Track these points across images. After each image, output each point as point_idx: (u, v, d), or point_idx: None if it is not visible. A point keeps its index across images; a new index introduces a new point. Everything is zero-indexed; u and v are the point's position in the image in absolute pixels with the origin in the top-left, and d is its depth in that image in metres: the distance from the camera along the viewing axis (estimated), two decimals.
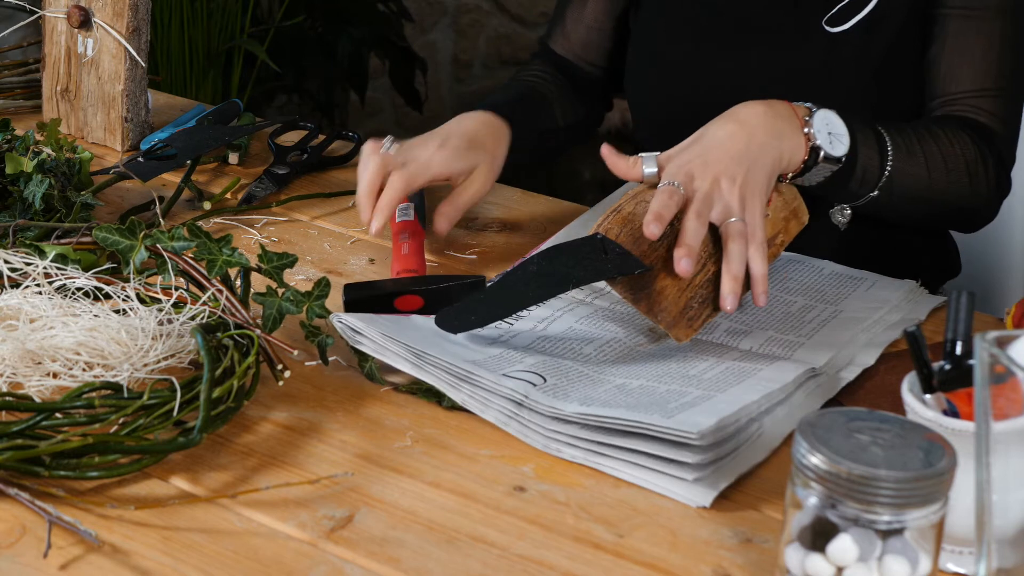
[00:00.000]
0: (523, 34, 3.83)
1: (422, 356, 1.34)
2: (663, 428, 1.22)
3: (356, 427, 1.30)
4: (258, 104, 3.30)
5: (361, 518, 1.19)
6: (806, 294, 1.52)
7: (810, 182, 1.47)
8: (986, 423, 1.00)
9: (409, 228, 1.59)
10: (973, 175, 1.58)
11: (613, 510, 1.21)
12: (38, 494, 1.18)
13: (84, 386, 1.24)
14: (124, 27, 1.78)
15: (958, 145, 1.57)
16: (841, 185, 1.49)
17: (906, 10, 1.61)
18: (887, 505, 1.02)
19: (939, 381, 1.13)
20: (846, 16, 1.62)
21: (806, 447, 1.03)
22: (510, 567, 1.15)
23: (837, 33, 1.62)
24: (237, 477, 1.23)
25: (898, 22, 1.62)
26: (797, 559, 1.06)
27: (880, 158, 1.51)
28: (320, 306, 1.38)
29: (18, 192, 1.56)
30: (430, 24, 3.83)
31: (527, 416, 1.29)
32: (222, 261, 1.38)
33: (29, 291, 1.36)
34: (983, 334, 1.00)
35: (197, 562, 1.13)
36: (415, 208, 1.62)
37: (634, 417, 1.24)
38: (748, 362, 1.38)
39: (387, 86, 3.64)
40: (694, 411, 1.26)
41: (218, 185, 1.75)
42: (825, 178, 1.46)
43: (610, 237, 1.36)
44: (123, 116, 1.81)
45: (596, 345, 1.41)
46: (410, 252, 1.55)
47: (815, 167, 1.44)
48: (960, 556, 1.15)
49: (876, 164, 1.51)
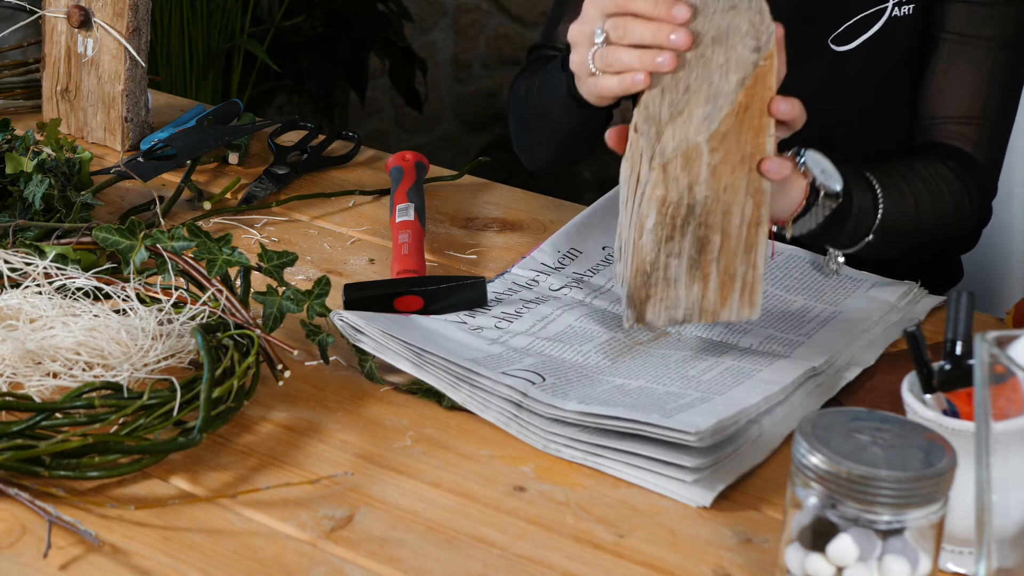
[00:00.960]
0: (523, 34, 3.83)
1: (422, 354, 1.34)
2: (661, 428, 1.22)
3: (356, 427, 1.30)
4: (258, 104, 3.30)
5: (361, 518, 1.19)
6: (806, 293, 1.52)
7: (808, 226, 1.44)
8: (986, 423, 1.00)
9: (409, 228, 1.59)
10: (958, 209, 1.59)
11: (613, 510, 1.21)
12: (38, 494, 1.18)
13: (84, 386, 1.24)
14: (124, 27, 1.78)
15: (942, 181, 1.58)
16: (839, 225, 1.47)
17: (910, 32, 1.62)
18: (887, 505, 1.02)
19: (939, 381, 1.13)
20: (852, 36, 1.63)
21: (806, 447, 1.03)
22: (510, 567, 1.15)
23: (843, 52, 1.63)
24: (237, 477, 1.23)
25: (902, 44, 1.62)
26: (797, 559, 1.06)
27: (872, 196, 1.51)
28: (320, 305, 1.38)
29: (18, 192, 1.56)
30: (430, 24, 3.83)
31: (526, 418, 1.29)
32: (222, 261, 1.38)
33: (29, 291, 1.36)
34: (983, 334, 1.00)
35: (197, 562, 1.13)
36: (415, 208, 1.62)
37: (633, 416, 1.24)
38: (747, 362, 1.38)
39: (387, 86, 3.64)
40: (693, 412, 1.26)
41: (218, 185, 1.75)
42: (825, 218, 1.44)
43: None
44: (123, 116, 1.81)
45: (595, 344, 1.41)
46: (410, 252, 1.55)
47: (815, 205, 1.42)
48: (960, 556, 1.15)
49: (869, 202, 1.50)
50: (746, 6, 1.32)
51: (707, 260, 1.32)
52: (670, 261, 1.32)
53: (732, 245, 1.31)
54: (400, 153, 1.78)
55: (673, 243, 1.31)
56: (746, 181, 1.30)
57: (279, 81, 3.34)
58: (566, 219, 1.65)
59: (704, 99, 1.30)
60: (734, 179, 1.30)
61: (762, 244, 1.32)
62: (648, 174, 1.30)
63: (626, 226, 1.36)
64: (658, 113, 1.32)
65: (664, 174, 1.29)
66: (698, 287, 1.33)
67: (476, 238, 1.66)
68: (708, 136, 1.28)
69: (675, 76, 1.32)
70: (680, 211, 1.30)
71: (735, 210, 1.30)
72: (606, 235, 1.60)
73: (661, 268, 1.32)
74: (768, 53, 1.29)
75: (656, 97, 1.33)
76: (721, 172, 1.29)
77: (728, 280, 1.32)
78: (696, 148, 1.29)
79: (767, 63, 1.30)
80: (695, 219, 1.30)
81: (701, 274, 1.32)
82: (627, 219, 1.35)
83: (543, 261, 1.56)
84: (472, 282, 1.47)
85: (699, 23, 1.33)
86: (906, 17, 1.62)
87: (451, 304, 1.45)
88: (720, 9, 1.33)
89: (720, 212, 1.30)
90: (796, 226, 1.44)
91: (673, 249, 1.31)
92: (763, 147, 1.30)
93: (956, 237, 1.65)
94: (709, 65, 1.31)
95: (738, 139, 1.29)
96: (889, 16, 1.62)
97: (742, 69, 1.29)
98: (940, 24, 1.62)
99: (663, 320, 1.34)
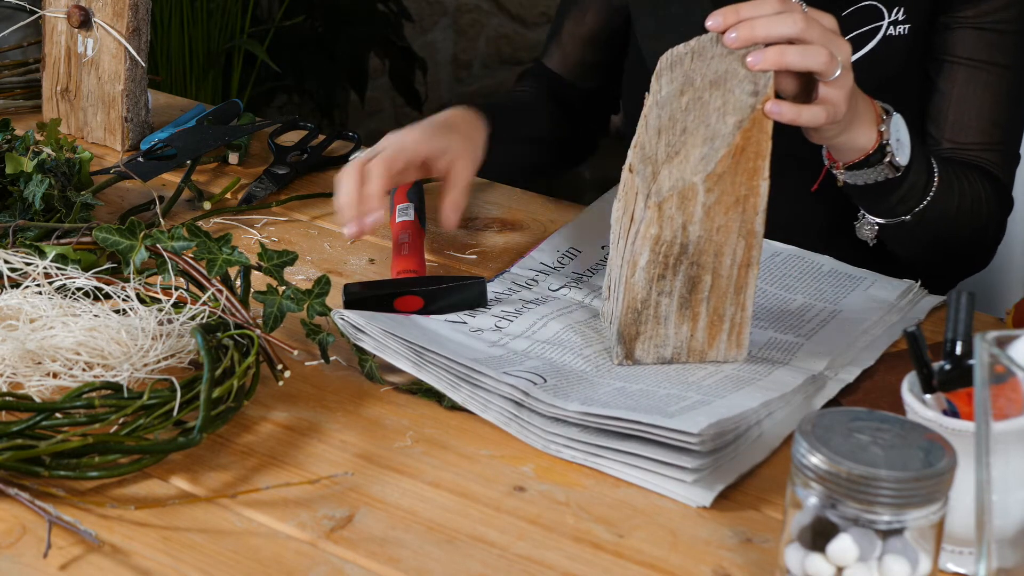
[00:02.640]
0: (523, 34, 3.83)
1: (422, 354, 1.34)
2: (662, 428, 1.22)
3: (356, 427, 1.30)
4: (258, 104, 3.30)
5: (361, 518, 1.19)
6: (805, 292, 1.52)
7: (857, 180, 1.48)
8: (986, 423, 1.00)
9: (409, 228, 1.59)
10: (989, 220, 1.62)
11: (613, 510, 1.21)
12: (38, 494, 1.18)
13: (84, 386, 1.24)
14: (124, 27, 1.78)
15: (982, 191, 1.61)
16: (887, 192, 1.49)
17: (906, 52, 1.63)
18: (887, 505, 1.02)
19: (939, 381, 1.13)
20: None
21: (806, 447, 1.03)
22: (510, 567, 1.15)
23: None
24: (237, 477, 1.23)
25: (897, 63, 1.64)
26: (797, 559, 1.06)
27: (927, 180, 1.53)
28: (321, 304, 1.38)
29: (18, 192, 1.56)
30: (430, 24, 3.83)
31: (527, 417, 1.29)
32: (222, 260, 1.38)
33: (29, 291, 1.36)
34: (983, 334, 1.00)
35: (197, 562, 1.13)
36: (415, 208, 1.62)
37: (634, 417, 1.24)
38: (747, 370, 1.38)
39: (387, 86, 3.64)
40: (694, 413, 1.26)
41: (218, 185, 1.75)
42: (876, 181, 1.47)
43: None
44: (123, 116, 1.81)
45: (595, 349, 1.41)
46: (410, 252, 1.55)
47: (876, 165, 1.46)
48: (960, 556, 1.15)
49: (921, 186, 1.52)
50: (744, 51, 1.34)
51: (697, 299, 1.35)
52: (661, 299, 1.35)
53: (723, 285, 1.34)
54: None
55: (664, 281, 1.34)
56: (739, 223, 1.33)
57: (279, 81, 3.34)
58: (566, 219, 1.65)
59: (701, 140, 1.33)
60: (727, 220, 1.32)
61: (751, 286, 1.35)
62: (643, 212, 1.33)
63: (617, 265, 1.39)
64: (655, 154, 1.35)
65: (659, 212, 1.32)
66: (687, 326, 1.36)
67: (476, 238, 1.66)
68: (704, 176, 1.31)
69: (672, 118, 1.35)
70: (673, 250, 1.33)
71: (727, 251, 1.33)
72: (606, 235, 1.60)
73: (652, 306, 1.35)
74: (766, 97, 1.32)
75: (653, 139, 1.36)
76: (715, 213, 1.32)
77: (717, 320, 1.36)
78: (692, 188, 1.31)
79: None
80: (687, 258, 1.33)
81: (691, 313, 1.35)
82: (618, 258, 1.38)
83: (543, 261, 1.56)
84: (472, 282, 1.47)
85: (696, 68, 1.35)
86: (901, 37, 1.63)
87: (451, 304, 1.45)
88: (718, 54, 1.36)
89: (712, 252, 1.33)
90: (848, 174, 1.48)
91: (664, 287, 1.34)
92: (757, 190, 1.32)
93: (980, 245, 1.66)
94: (707, 108, 1.34)
95: (733, 181, 1.32)
96: (884, 35, 1.63)
97: (739, 112, 1.32)
98: (950, 49, 1.63)
99: (651, 358, 1.37)
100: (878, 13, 1.63)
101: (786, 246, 1.59)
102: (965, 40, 1.63)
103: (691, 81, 1.35)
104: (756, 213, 1.33)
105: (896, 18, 1.62)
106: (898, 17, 1.62)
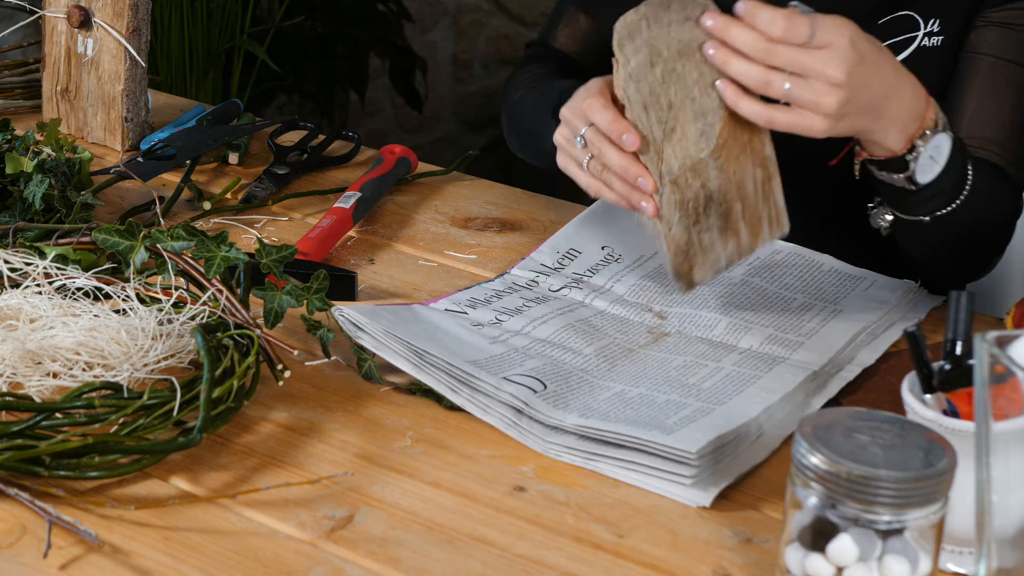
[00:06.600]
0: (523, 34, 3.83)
1: (423, 355, 1.34)
2: (661, 446, 1.23)
3: (356, 427, 1.30)
4: (258, 104, 3.31)
5: (361, 518, 1.19)
6: (805, 291, 1.52)
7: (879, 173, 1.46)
8: (986, 423, 1.00)
9: (337, 215, 1.62)
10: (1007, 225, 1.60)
11: (613, 510, 1.21)
12: (38, 494, 1.18)
13: (84, 386, 1.24)
14: (124, 27, 1.78)
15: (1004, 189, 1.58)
16: (902, 196, 1.47)
17: (940, 65, 1.61)
18: (887, 505, 1.02)
19: (939, 381, 1.13)
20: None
21: (806, 447, 1.03)
22: (510, 567, 1.15)
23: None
24: (237, 477, 1.23)
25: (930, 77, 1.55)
26: (797, 559, 1.06)
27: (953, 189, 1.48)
28: (320, 299, 1.38)
29: (18, 192, 1.56)
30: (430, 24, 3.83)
31: (526, 425, 1.29)
32: (220, 258, 1.38)
33: (29, 291, 1.36)
34: (983, 334, 1.00)
35: (197, 562, 1.13)
36: (358, 199, 1.64)
37: (633, 433, 1.24)
38: (747, 367, 1.38)
39: (387, 86, 3.64)
40: (693, 427, 1.25)
41: (218, 185, 1.75)
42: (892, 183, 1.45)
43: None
44: (123, 116, 1.81)
45: (595, 348, 1.41)
46: (316, 236, 1.58)
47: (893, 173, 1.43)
48: (960, 556, 1.15)
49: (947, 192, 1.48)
50: (698, 14, 1.35)
51: (734, 221, 1.41)
52: (702, 236, 1.41)
53: (752, 202, 1.41)
54: (390, 146, 1.79)
55: (700, 224, 1.40)
56: (751, 159, 1.39)
57: (279, 81, 3.34)
58: (566, 219, 1.65)
59: (692, 116, 1.37)
60: (740, 164, 1.39)
61: (777, 187, 1.41)
62: (661, 190, 1.38)
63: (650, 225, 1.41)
64: (650, 133, 1.37)
65: (676, 186, 1.38)
66: (732, 242, 1.42)
67: (476, 238, 1.66)
68: (709, 152, 1.38)
69: (653, 92, 1.37)
70: (699, 203, 1.39)
71: (748, 181, 1.40)
72: (606, 235, 1.60)
73: (696, 244, 1.41)
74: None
75: (641, 116, 1.37)
76: (727, 165, 1.39)
77: (756, 223, 1.42)
78: (701, 162, 1.38)
79: None
80: (714, 203, 1.40)
81: (732, 232, 1.42)
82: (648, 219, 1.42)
83: (542, 262, 1.56)
84: (340, 275, 1.49)
85: (657, 36, 1.36)
86: (935, 48, 1.61)
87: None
88: (675, 21, 1.36)
89: (735, 187, 1.40)
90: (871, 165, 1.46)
91: (702, 227, 1.41)
92: (758, 128, 1.38)
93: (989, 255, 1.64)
94: (684, 81, 1.36)
95: (736, 138, 1.38)
96: (918, 45, 1.61)
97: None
98: (973, 46, 1.62)
99: (710, 276, 1.43)
100: (914, 23, 1.62)
101: (786, 244, 1.58)
102: (989, 36, 1.62)
103: (658, 52, 1.36)
104: (764, 144, 1.39)
105: (931, 29, 1.61)
106: (933, 28, 1.61)
